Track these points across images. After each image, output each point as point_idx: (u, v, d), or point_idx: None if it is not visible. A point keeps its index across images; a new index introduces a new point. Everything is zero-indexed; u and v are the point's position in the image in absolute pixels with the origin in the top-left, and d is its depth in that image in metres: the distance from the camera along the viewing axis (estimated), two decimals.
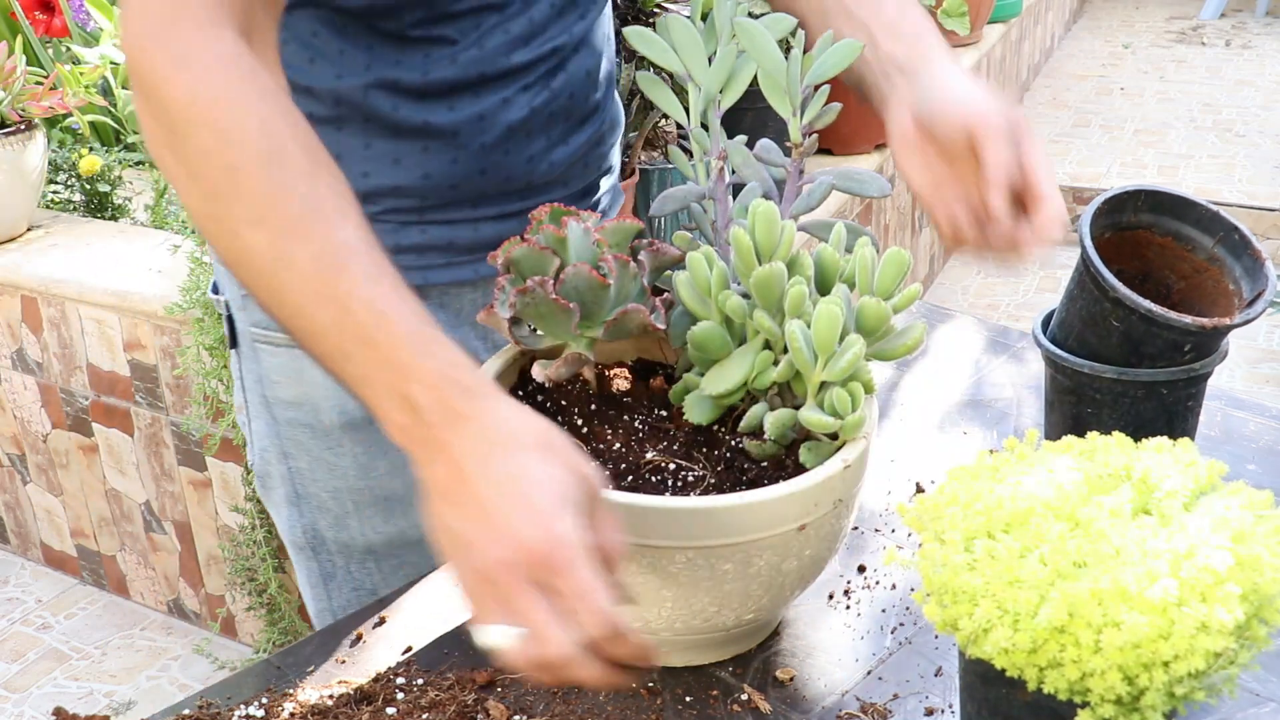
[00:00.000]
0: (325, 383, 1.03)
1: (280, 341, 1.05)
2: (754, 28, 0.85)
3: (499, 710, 0.82)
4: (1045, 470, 0.71)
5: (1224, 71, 5.21)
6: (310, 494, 1.10)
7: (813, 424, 0.81)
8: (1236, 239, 1.00)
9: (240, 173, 0.72)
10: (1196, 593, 0.63)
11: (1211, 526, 0.66)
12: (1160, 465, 0.71)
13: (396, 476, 1.06)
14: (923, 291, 3.57)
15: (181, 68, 0.73)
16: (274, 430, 1.09)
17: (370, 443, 1.06)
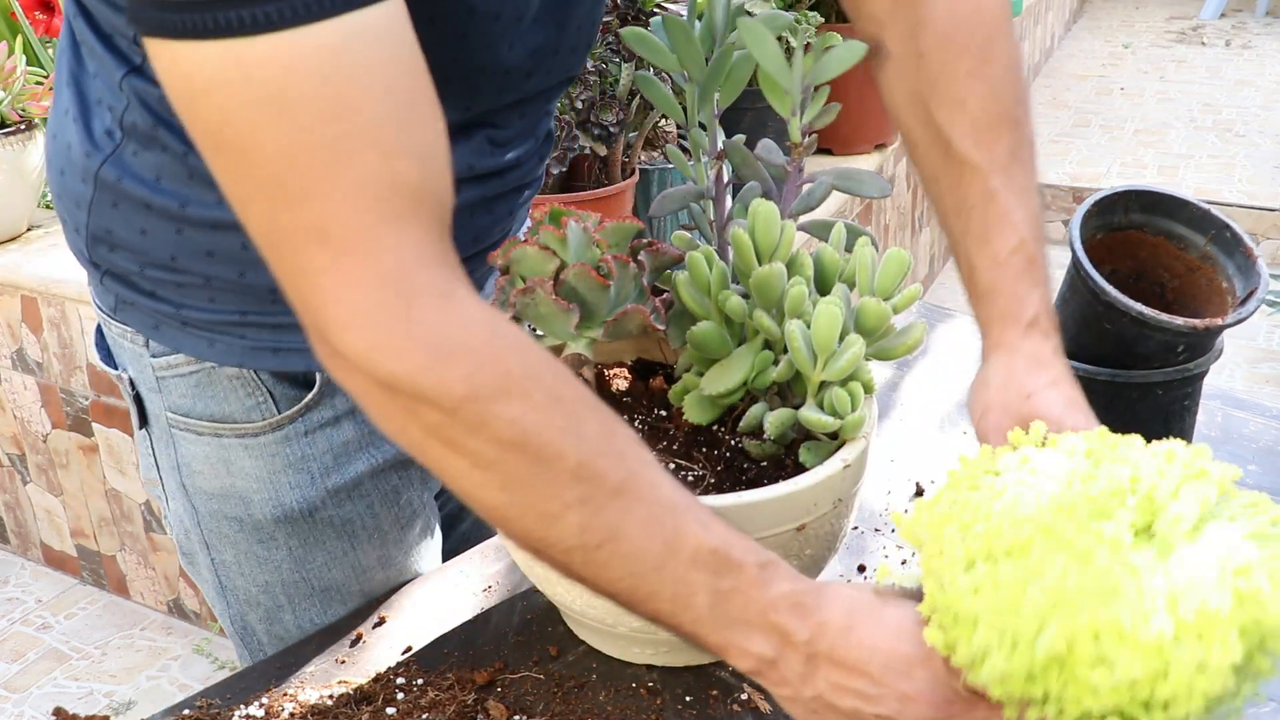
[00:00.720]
0: (257, 473, 0.95)
1: (204, 430, 0.95)
2: (755, 26, 0.85)
3: (499, 710, 0.83)
4: (1046, 480, 0.69)
5: (1224, 71, 5.21)
6: (237, 587, 1.01)
7: (812, 424, 0.81)
8: (1228, 237, 1.00)
9: (546, 454, 0.65)
10: (1194, 632, 0.61)
11: (1215, 562, 0.63)
12: (1167, 482, 0.68)
13: (334, 567, 1.00)
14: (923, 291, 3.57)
15: (444, 357, 0.64)
16: (194, 519, 1.00)
17: (307, 535, 0.98)
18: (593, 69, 1.90)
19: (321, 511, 0.97)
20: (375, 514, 0.99)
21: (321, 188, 0.61)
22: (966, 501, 0.69)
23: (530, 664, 0.88)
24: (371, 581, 1.01)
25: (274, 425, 0.93)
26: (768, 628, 0.68)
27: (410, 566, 1.04)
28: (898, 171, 3.22)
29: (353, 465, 0.97)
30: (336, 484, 0.96)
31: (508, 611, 0.94)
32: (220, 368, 0.91)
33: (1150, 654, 0.61)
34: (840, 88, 0.91)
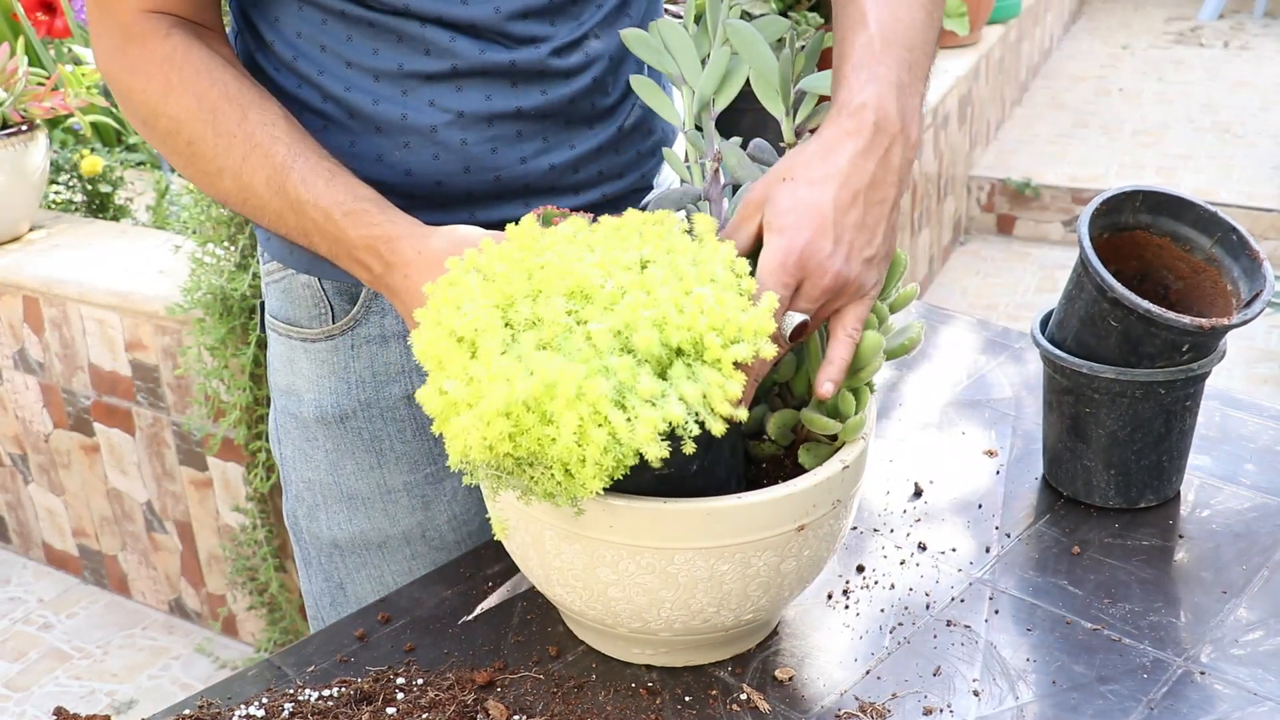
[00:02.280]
0: (309, 374, 1.09)
1: (279, 330, 1.11)
2: (745, 29, 0.85)
3: (499, 710, 0.83)
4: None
5: (1222, 72, 5.21)
6: (291, 480, 1.15)
7: (815, 424, 0.81)
8: (1234, 239, 1.01)
9: (195, 144, 0.93)
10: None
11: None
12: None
13: (361, 478, 1.10)
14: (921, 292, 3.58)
15: (136, 75, 0.93)
16: (275, 416, 1.15)
17: (340, 440, 1.09)
18: None
19: (353, 420, 1.08)
20: (406, 440, 1.08)
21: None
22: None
23: (530, 664, 0.88)
24: (397, 506, 1.10)
25: (327, 335, 1.07)
26: (354, 263, 0.91)
27: (447, 513, 1.10)
28: None
29: (390, 387, 1.07)
30: (369, 398, 1.07)
31: (508, 611, 0.95)
32: (297, 275, 1.07)
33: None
34: None
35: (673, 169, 0.94)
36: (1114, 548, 0.99)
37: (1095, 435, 1.01)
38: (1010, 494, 1.07)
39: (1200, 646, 0.88)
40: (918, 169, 3.45)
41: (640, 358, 0.71)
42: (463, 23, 0.95)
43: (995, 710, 0.83)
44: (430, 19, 0.95)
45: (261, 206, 0.93)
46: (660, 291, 0.73)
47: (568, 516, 0.79)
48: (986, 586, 0.96)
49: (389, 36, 0.96)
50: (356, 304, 1.06)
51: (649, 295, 0.73)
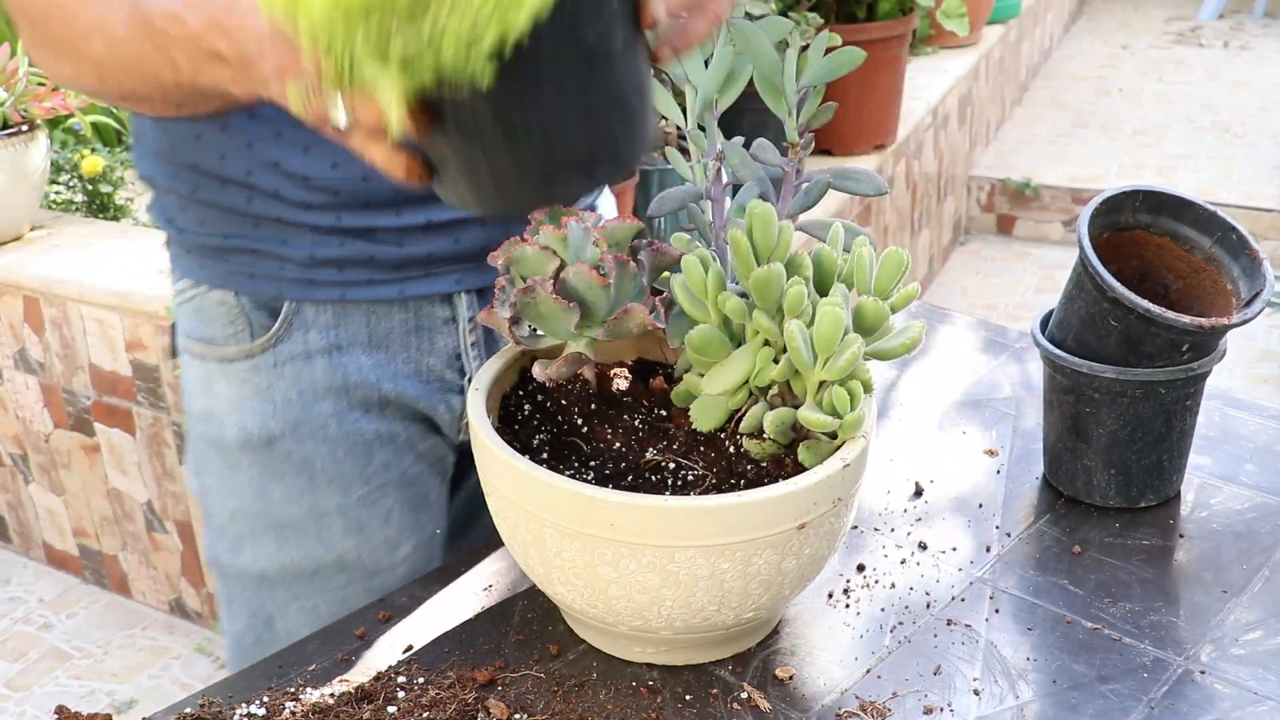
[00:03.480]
0: (229, 397, 1.03)
1: (194, 351, 1.04)
2: (748, 28, 0.85)
3: (500, 709, 0.83)
4: None
5: (1222, 72, 5.22)
6: (214, 514, 1.08)
7: (812, 423, 0.81)
8: (1234, 239, 1.01)
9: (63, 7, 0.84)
10: None
11: None
12: None
13: (291, 504, 1.04)
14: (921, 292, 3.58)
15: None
16: (191, 440, 1.09)
17: (267, 465, 1.03)
18: None
19: (280, 443, 1.02)
20: (338, 461, 1.03)
21: None
22: None
23: (531, 663, 0.88)
24: (330, 530, 1.04)
25: (246, 353, 1.01)
26: (210, 60, 0.78)
27: (381, 535, 1.05)
28: (896, 172, 3.23)
29: (318, 405, 1.01)
30: (297, 419, 1.01)
31: (508, 611, 0.95)
32: (210, 291, 1.01)
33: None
34: (839, 88, 0.92)
35: (676, 169, 0.94)
36: (1114, 547, 0.99)
37: (1095, 435, 1.02)
38: (1011, 493, 1.07)
39: (1200, 646, 0.88)
40: (918, 169, 3.45)
41: None
42: None
43: (995, 709, 0.83)
44: None
45: (129, 57, 0.83)
46: None
47: (569, 515, 0.79)
48: (987, 586, 0.96)
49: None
50: (278, 319, 1.01)
51: None
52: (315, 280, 1.00)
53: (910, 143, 3.30)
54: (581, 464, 0.86)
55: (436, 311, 1.04)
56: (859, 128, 2.94)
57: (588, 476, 0.85)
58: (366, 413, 1.04)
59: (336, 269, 1.00)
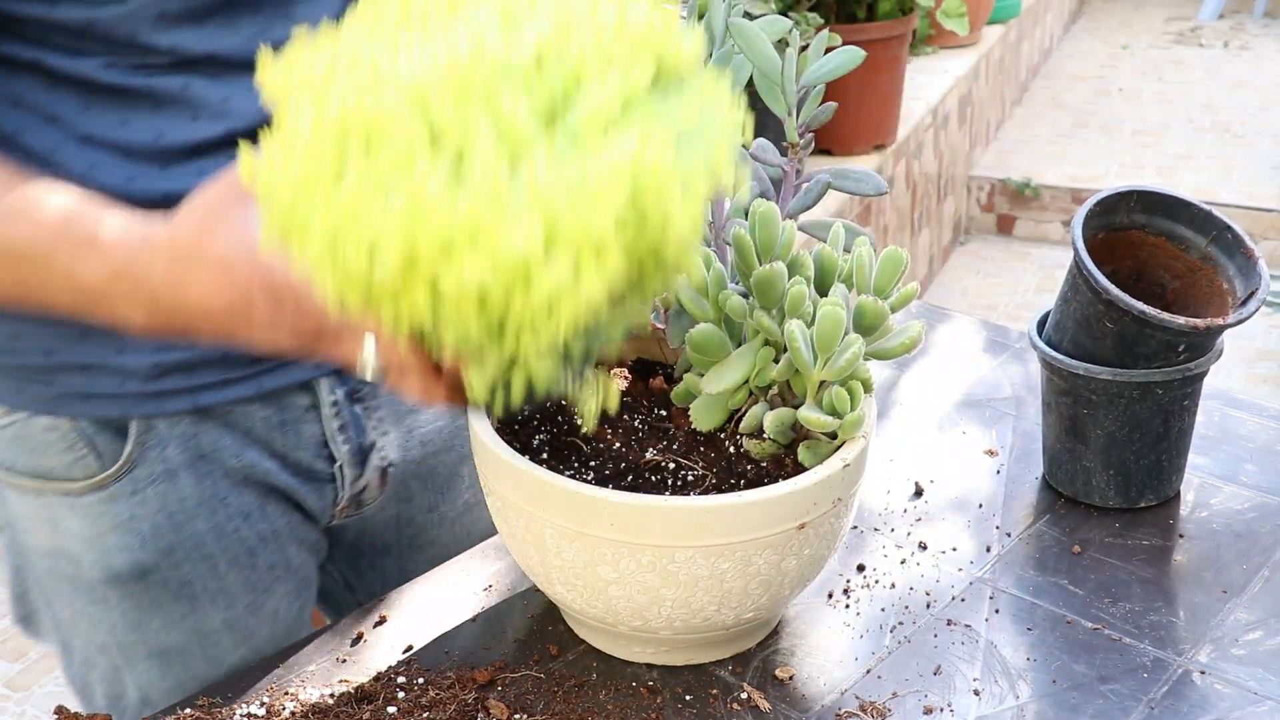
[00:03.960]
0: (84, 533, 0.91)
1: (24, 486, 0.92)
2: (748, 28, 0.85)
3: (499, 709, 0.83)
4: (441, 43, 0.53)
5: (1222, 72, 5.21)
6: (74, 647, 0.98)
7: (812, 423, 0.81)
8: (1229, 238, 1.01)
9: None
10: (568, 246, 0.50)
11: (615, 165, 0.50)
12: (597, 62, 0.52)
13: (173, 630, 0.95)
14: (921, 292, 3.58)
15: None
16: (33, 576, 0.97)
17: (142, 598, 0.94)
18: None
19: (155, 574, 0.93)
20: (220, 576, 0.95)
21: None
22: (336, 60, 0.54)
23: (531, 663, 0.88)
24: (218, 647, 0.97)
25: (97, 484, 0.89)
26: (140, 288, 0.70)
27: (269, 632, 0.99)
28: (897, 172, 3.23)
29: (192, 525, 0.92)
30: (170, 544, 0.92)
31: (507, 611, 0.95)
32: (33, 418, 0.88)
33: (509, 265, 0.50)
34: (839, 88, 0.92)
35: None
36: (1114, 547, 0.99)
37: (1094, 436, 1.01)
38: (1010, 493, 1.07)
39: (1200, 646, 0.88)
40: (918, 169, 3.45)
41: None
42: (236, 60, 0.80)
43: (995, 709, 0.83)
44: (200, 63, 0.80)
45: (53, 299, 0.73)
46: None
47: (569, 515, 0.79)
48: (987, 586, 0.96)
49: (141, 103, 0.80)
50: (128, 440, 0.89)
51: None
52: (162, 391, 0.89)
53: (910, 143, 3.30)
54: (581, 464, 0.86)
55: (297, 400, 0.95)
56: (859, 128, 2.93)
57: (588, 476, 0.85)
58: (246, 519, 0.96)
59: (185, 375, 0.89)
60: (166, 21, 0.78)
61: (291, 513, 1.00)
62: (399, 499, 1.08)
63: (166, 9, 0.78)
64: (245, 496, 0.96)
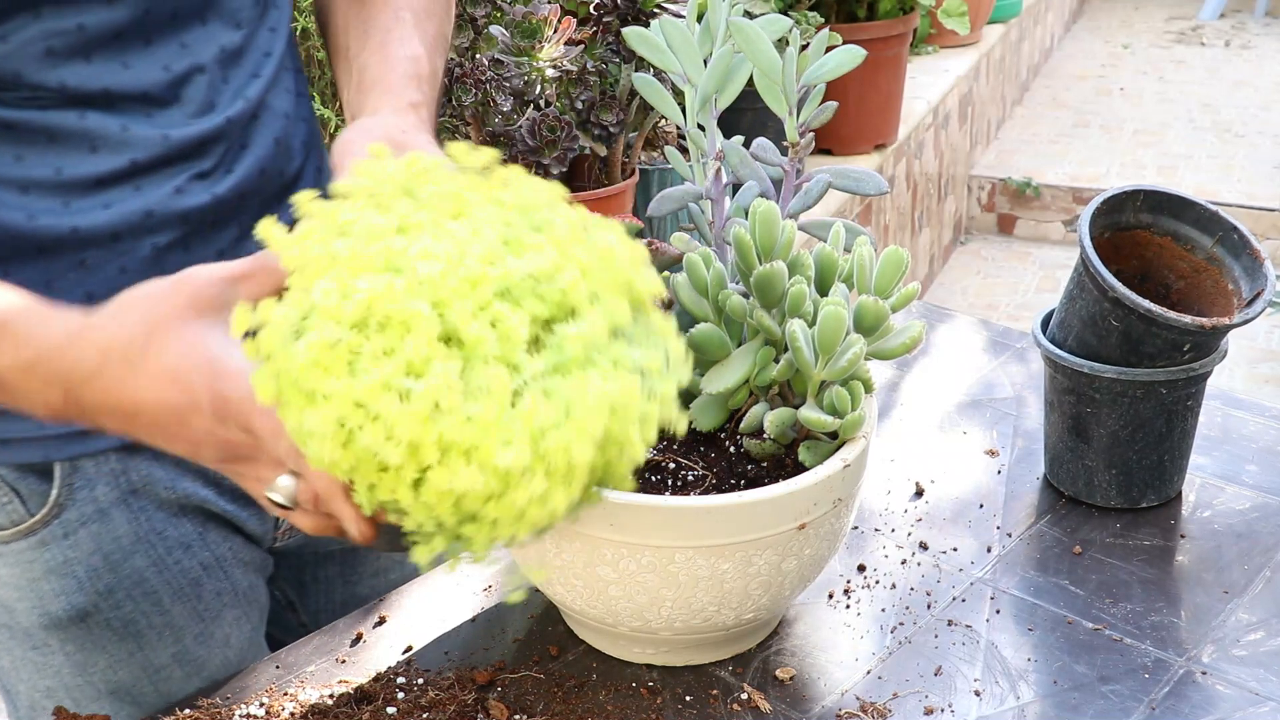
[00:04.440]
0: (15, 581, 0.89)
1: None
2: (749, 27, 0.85)
3: (499, 709, 0.83)
4: (454, 245, 0.59)
5: (1223, 72, 5.21)
6: (18, 692, 0.95)
7: (812, 423, 0.81)
8: (1235, 238, 1.01)
9: None
10: (545, 468, 0.57)
11: (594, 398, 0.57)
12: (586, 291, 0.60)
13: (120, 668, 0.92)
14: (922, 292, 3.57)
15: None
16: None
17: (84, 640, 0.91)
18: (593, 69, 1.90)
19: (96, 616, 0.90)
20: (166, 611, 0.92)
21: None
22: (361, 247, 0.60)
23: (530, 663, 0.88)
24: (170, 681, 0.94)
25: (25, 530, 0.87)
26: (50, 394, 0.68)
27: (221, 659, 0.97)
28: (897, 171, 3.22)
29: (129, 562, 0.90)
30: (109, 585, 0.89)
31: (507, 611, 0.95)
32: None
33: (492, 476, 0.57)
34: (839, 88, 0.91)
35: (676, 169, 0.93)
36: (1115, 548, 0.99)
37: (1096, 435, 1.01)
38: (1012, 494, 1.07)
39: (1202, 647, 0.88)
40: (918, 168, 3.45)
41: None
42: (132, 93, 0.80)
43: (996, 710, 0.83)
44: (93, 97, 0.78)
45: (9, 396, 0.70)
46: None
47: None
48: (988, 586, 0.96)
49: (36, 137, 0.78)
50: (53, 483, 0.86)
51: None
52: (86, 431, 0.84)
53: (911, 142, 3.30)
54: None
55: None
56: (859, 127, 2.93)
57: None
58: (186, 549, 0.93)
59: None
60: (55, 58, 0.77)
61: (233, 536, 0.97)
62: None
63: (52, 45, 0.77)
64: (184, 526, 0.93)
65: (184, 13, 0.82)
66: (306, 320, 0.59)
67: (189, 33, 0.83)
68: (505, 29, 1.83)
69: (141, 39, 0.80)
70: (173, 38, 0.82)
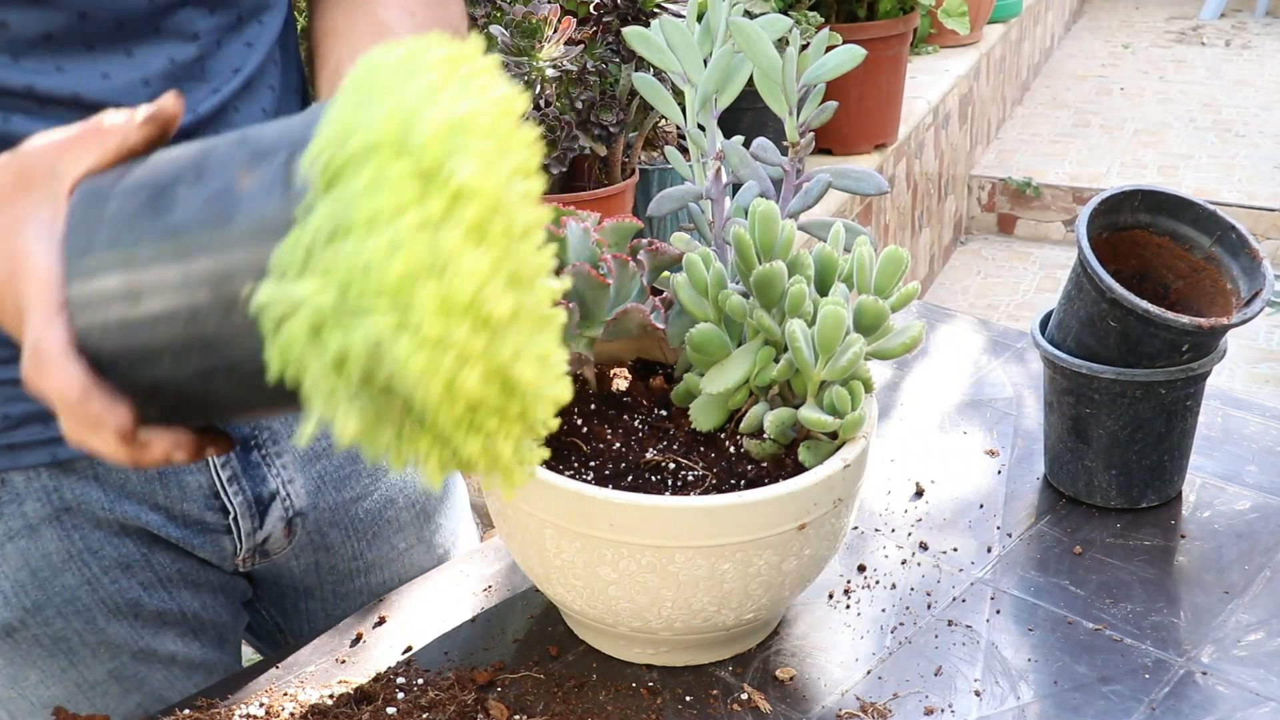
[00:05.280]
0: None
1: None
2: (749, 27, 0.85)
3: (499, 710, 0.83)
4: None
5: (1224, 71, 5.21)
6: None
7: (812, 423, 0.81)
8: (1234, 238, 1.00)
9: None
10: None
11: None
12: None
13: (53, 683, 0.91)
14: (922, 291, 3.57)
15: None
16: None
17: (13, 654, 0.89)
18: (593, 69, 1.90)
19: (24, 631, 0.89)
20: (101, 629, 0.91)
21: None
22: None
23: (530, 664, 0.88)
24: (107, 696, 0.93)
25: None
26: None
27: (164, 676, 0.95)
28: (897, 171, 3.22)
29: (60, 580, 0.88)
30: (38, 601, 0.88)
31: (507, 611, 0.95)
32: None
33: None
34: (840, 87, 0.91)
35: (676, 169, 0.93)
36: (1116, 548, 0.99)
37: (1096, 435, 1.01)
38: (1012, 494, 1.07)
39: (1202, 647, 0.88)
40: (918, 168, 3.45)
41: None
42: (62, 97, 0.77)
43: (996, 710, 0.83)
44: (17, 97, 0.76)
45: None
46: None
47: (569, 515, 0.79)
48: (988, 586, 0.96)
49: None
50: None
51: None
52: (15, 445, 0.84)
53: (911, 142, 3.30)
54: (581, 464, 0.86)
55: None
56: (859, 127, 2.93)
57: (588, 476, 0.84)
58: (126, 569, 0.91)
59: (42, 425, 0.84)
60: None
61: (184, 559, 0.94)
62: (316, 547, 1.01)
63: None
64: (125, 547, 0.91)
65: (131, 23, 0.79)
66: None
67: (138, 43, 0.80)
68: (505, 29, 1.83)
69: (82, 44, 0.78)
70: (118, 46, 0.79)
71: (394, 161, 0.50)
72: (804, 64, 0.88)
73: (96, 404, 0.58)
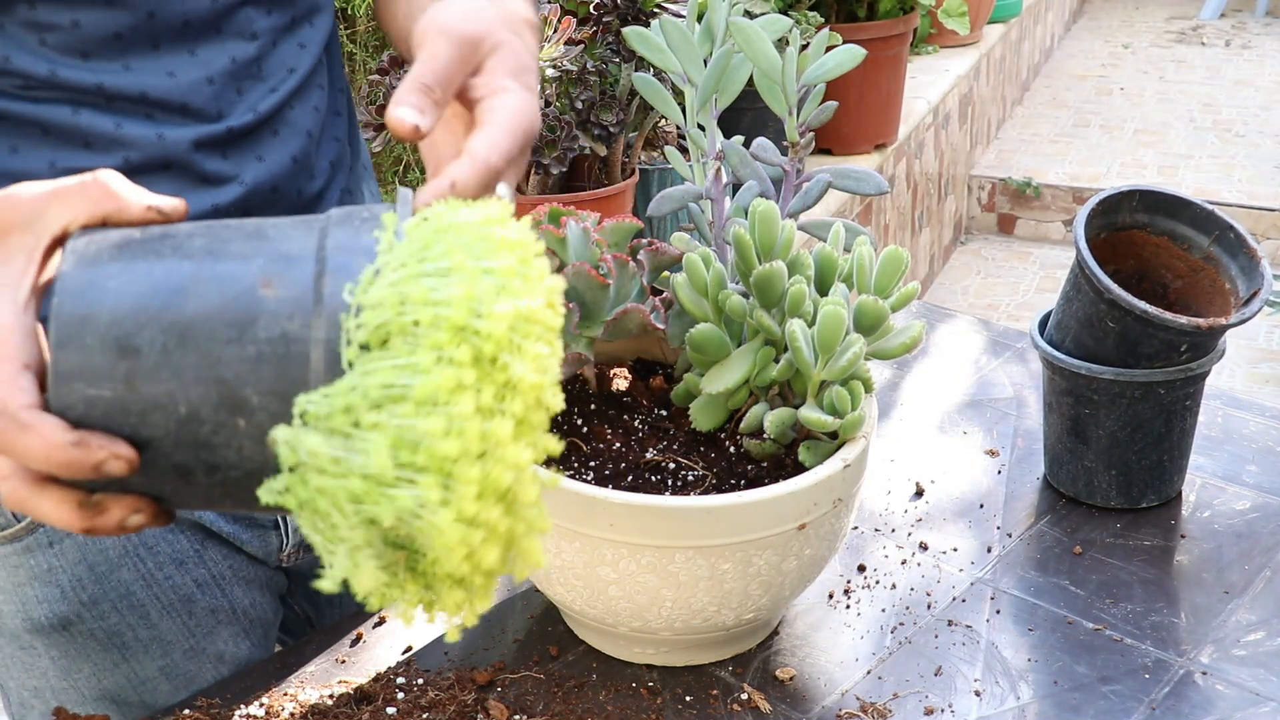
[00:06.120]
0: (3, 584, 0.90)
1: None
2: (749, 27, 0.85)
3: (499, 710, 0.83)
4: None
5: (1224, 71, 5.21)
6: (10, 688, 0.96)
7: (812, 423, 0.81)
8: (1232, 238, 1.00)
9: None
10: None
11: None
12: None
13: (106, 676, 0.93)
14: (922, 291, 3.57)
15: None
16: None
17: (68, 647, 0.91)
18: (593, 69, 1.90)
19: (79, 625, 0.90)
20: (154, 625, 0.92)
21: None
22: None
23: (530, 664, 0.88)
24: (156, 693, 0.94)
25: (11, 537, 0.87)
26: None
27: (213, 674, 0.96)
28: (897, 171, 3.22)
29: (116, 575, 0.90)
30: (94, 595, 0.89)
31: (507, 611, 0.95)
32: None
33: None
34: (840, 87, 0.91)
35: (676, 169, 0.93)
36: (1116, 548, 0.99)
37: (1095, 436, 1.01)
38: (1012, 494, 1.07)
39: (1202, 647, 0.88)
40: (918, 168, 3.45)
41: None
42: (130, 94, 0.79)
43: (996, 710, 0.83)
44: (87, 94, 0.78)
45: None
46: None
47: (569, 515, 0.79)
48: (988, 586, 0.96)
49: (31, 130, 0.79)
50: None
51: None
52: None
53: (911, 142, 3.30)
54: (581, 464, 0.86)
55: None
56: (859, 127, 2.93)
57: (588, 476, 0.84)
58: (180, 565, 0.93)
59: None
60: (48, 50, 0.77)
61: (235, 555, 0.96)
62: None
63: (46, 38, 0.76)
64: (179, 543, 0.92)
65: (197, 23, 0.81)
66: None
67: (201, 42, 0.82)
68: None
69: (148, 43, 0.80)
70: (182, 46, 0.81)
71: (458, 344, 0.52)
72: (804, 64, 0.88)
73: (97, 448, 0.55)
